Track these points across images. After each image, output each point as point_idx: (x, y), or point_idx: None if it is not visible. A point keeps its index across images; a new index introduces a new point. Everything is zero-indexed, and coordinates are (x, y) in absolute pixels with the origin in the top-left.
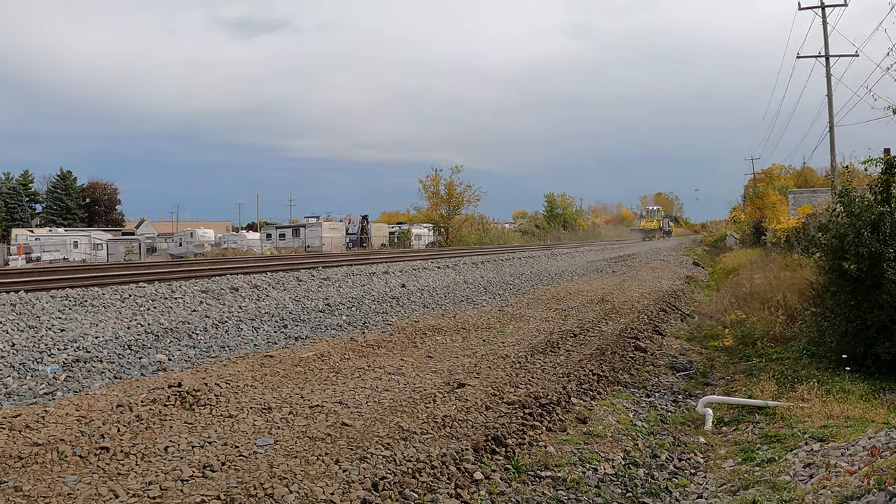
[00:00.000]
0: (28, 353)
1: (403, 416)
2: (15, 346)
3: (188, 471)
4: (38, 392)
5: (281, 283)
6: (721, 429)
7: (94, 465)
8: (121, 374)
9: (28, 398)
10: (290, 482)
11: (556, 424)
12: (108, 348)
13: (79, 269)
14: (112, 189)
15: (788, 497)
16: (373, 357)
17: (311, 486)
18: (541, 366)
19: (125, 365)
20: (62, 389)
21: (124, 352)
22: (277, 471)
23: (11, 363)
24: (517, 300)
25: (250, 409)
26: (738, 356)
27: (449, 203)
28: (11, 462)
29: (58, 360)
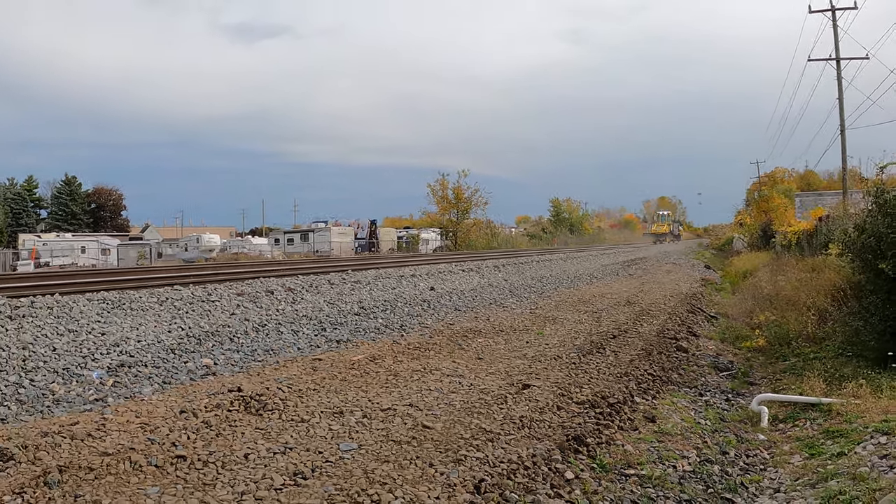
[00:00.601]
0: (71, 358)
1: (480, 418)
2: (56, 351)
3: (279, 479)
4: (88, 398)
5: (314, 287)
6: (777, 426)
7: (172, 475)
8: (169, 378)
9: (78, 405)
10: (392, 487)
11: (627, 423)
12: (151, 352)
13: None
14: (117, 195)
15: (876, 486)
16: (424, 359)
17: (413, 490)
18: (595, 366)
19: (171, 369)
20: (112, 395)
21: (168, 356)
22: (374, 476)
23: (55, 368)
24: (545, 302)
25: (321, 413)
26: (775, 356)
27: (457, 207)
28: (82, 474)
29: (102, 365)
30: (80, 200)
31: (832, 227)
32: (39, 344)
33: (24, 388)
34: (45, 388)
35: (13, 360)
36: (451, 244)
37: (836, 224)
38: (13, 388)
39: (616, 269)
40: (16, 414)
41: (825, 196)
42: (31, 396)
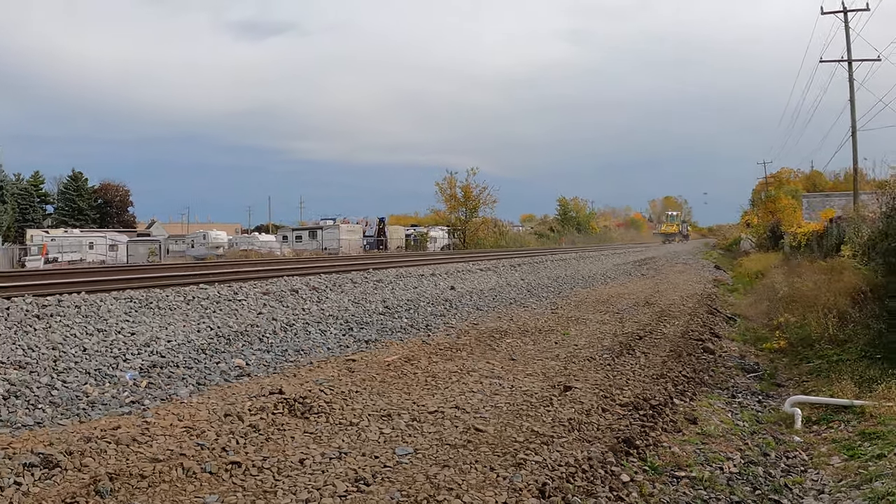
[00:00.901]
0: (102, 359)
1: (529, 420)
2: (87, 351)
3: (341, 485)
4: (124, 400)
5: (337, 286)
6: (811, 427)
7: (229, 482)
8: (203, 379)
9: (114, 407)
10: (459, 493)
11: (670, 425)
12: (182, 353)
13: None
14: (124, 191)
15: None
16: (458, 360)
17: (480, 496)
18: (629, 368)
19: (204, 370)
20: (148, 397)
21: (199, 356)
22: (437, 481)
23: (87, 369)
24: (564, 302)
25: (368, 416)
26: (798, 358)
27: (466, 205)
28: (134, 481)
29: (134, 366)
30: (87, 196)
31: (844, 228)
32: (69, 344)
33: (57, 389)
34: (78, 390)
35: (44, 360)
36: (459, 242)
37: (849, 225)
38: (45, 390)
39: (628, 269)
40: (51, 417)
41: (833, 197)
42: (64, 398)
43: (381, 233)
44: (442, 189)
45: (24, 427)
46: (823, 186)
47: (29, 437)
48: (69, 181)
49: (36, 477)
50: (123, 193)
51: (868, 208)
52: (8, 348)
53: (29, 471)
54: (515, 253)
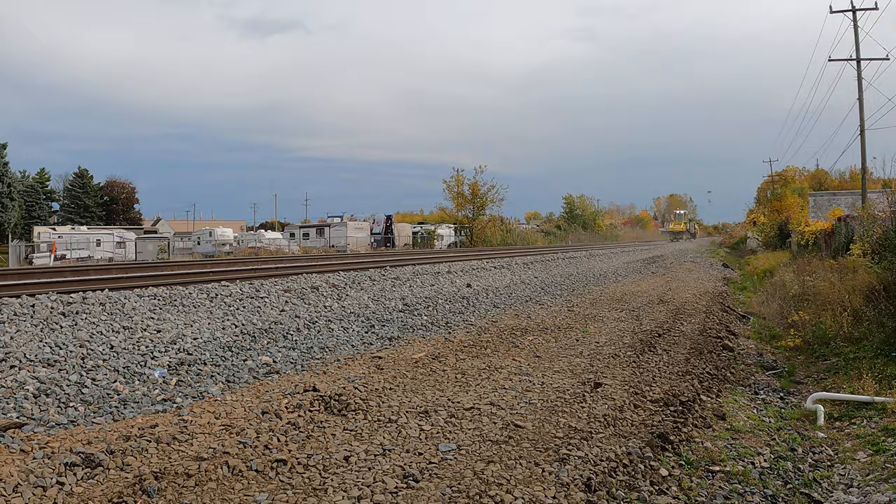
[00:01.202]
0: (130, 356)
1: (566, 416)
2: (114, 349)
3: (391, 482)
4: (156, 398)
5: (356, 283)
6: (834, 423)
7: (276, 480)
8: (232, 377)
9: (146, 405)
10: (508, 488)
11: (700, 421)
12: (209, 350)
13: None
14: (130, 187)
15: None
16: (485, 357)
17: (530, 490)
18: (654, 365)
19: (231, 367)
20: (179, 395)
21: (226, 353)
22: (485, 477)
23: (115, 367)
24: (579, 300)
25: (406, 413)
26: (814, 356)
27: (473, 203)
28: (181, 480)
29: (162, 364)
30: (93, 193)
31: (854, 227)
32: (96, 342)
33: (87, 387)
34: (108, 388)
35: (72, 358)
36: (466, 240)
37: (859, 224)
38: (76, 388)
39: (638, 267)
40: (84, 415)
41: (839, 196)
42: (95, 396)
43: (389, 230)
44: (449, 187)
45: (59, 426)
46: (829, 185)
47: (66, 436)
48: (75, 178)
49: (78, 476)
50: (129, 191)
51: (877, 207)
52: (35, 346)
53: (71, 470)
54: (525, 251)
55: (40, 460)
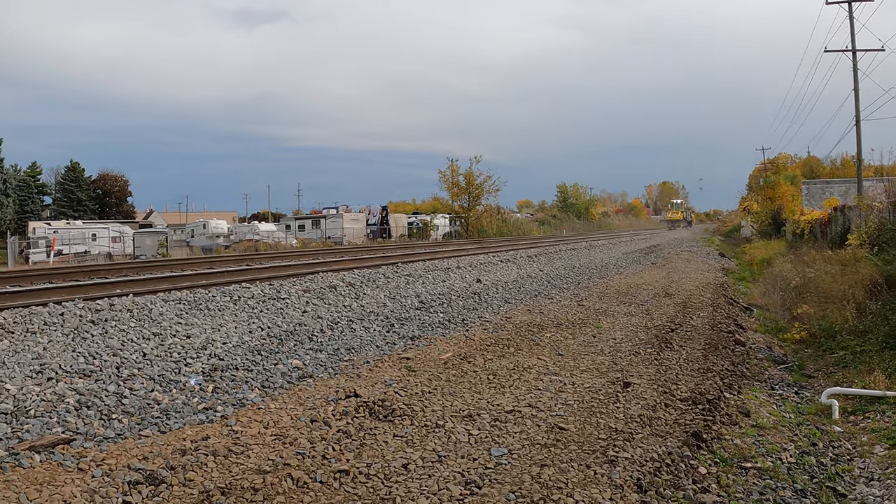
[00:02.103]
0: (163, 364)
1: (604, 417)
2: (147, 357)
3: (455, 489)
4: (196, 407)
5: (371, 281)
6: (849, 418)
7: (342, 491)
8: (266, 383)
9: (188, 414)
10: (568, 491)
11: (726, 418)
12: (239, 354)
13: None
14: (123, 181)
15: None
16: (511, 357)
17: (588, 493)
18: (675, 362)
19: (264, 372)
20: (219, 403)
21: (256, 357)
22: (544, 480)
23: (150, 375)
24: (587, 294)
25: (451, 417)
26: (821, 349)
27: (468, 193)
28: (248, 495)
29: (196, 370)
30: (86, 187)
31: (851, 217)
32: (128, 349)
33: (127, 398)
34: (147, 398)
35: (107, 368)
36: (462, 230)
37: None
38: (115, 399)
39: (637, 257)
40: (129, 427)
41: (833, 184)
42: (136, 407)
43: (385, 221)
44: (445, 177)
45: (107, 440)
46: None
47: (120, 452)
48: (67, 172)
49: (144, 495)
50: (122, 183)
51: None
52: (69, 356)
53: (135, 489)
54: (524, 242)
55: (100, 479)
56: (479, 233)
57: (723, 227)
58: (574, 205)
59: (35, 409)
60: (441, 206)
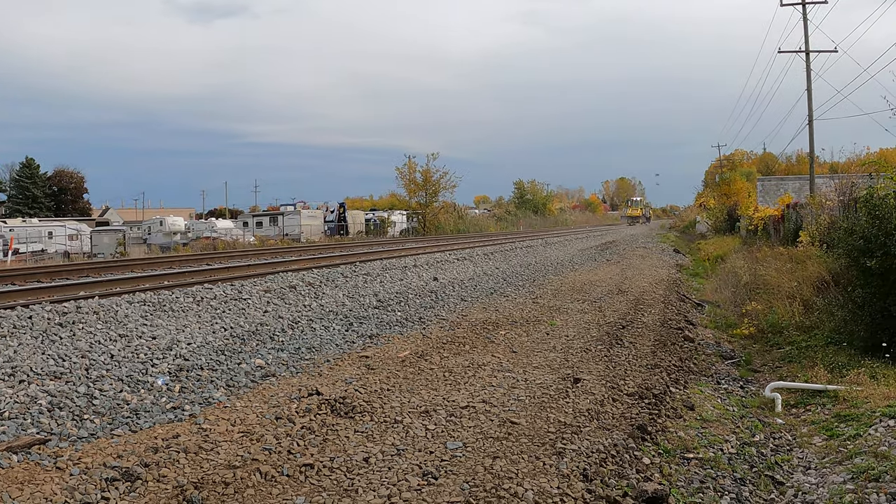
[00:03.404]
0: (131, 365)
1: (554, 412)
2: (115, 358)
3: (413, 480)
4: (165, 407)
5: (330, 280)
6: (791, 410)
7: (308, 484)
8: (231, 381)
9: (157, 414)
10: (518, 481)
11: (672, 412)
12: (203, 355)
13: (118, 266)
14: (79, 177)
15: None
16: (466, 354)
17: (538, 483)
18: (624, 358)
19: (228, 371)
20: (187, 403)
21: (220, 357)
22: (496, 471)
23: (119, 376)
24: (542, 291)
25: (408, 413)
26: (768, 344)
27: (426, 190)
28: (220, 489)
29: (163, 371)
30: (41, 184)
31: (803, 215)
32: (97, 351)
33: (97, 398)
34: (117, 398)
35: (77, 369)
36: (419, 227)
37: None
38: (86, 400)
39: (592, 254)
40: (101, 427)
41: (787, 181)
42: (107, 407)
43: (342, 218)
44: (402, 173)
45: (81, 440)
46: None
47: (95, 451)
48: (22, 168)
49: (121, 491)
50: (78, 180)
51: (825, 195)
52: (40, 359)
53: (113, 485)
54: (481, 239)
55: (78, 476)
56: (437, 229)
57: (679, 222)
58: (531, 201)
59: (9, 411)
60: (398, 202)
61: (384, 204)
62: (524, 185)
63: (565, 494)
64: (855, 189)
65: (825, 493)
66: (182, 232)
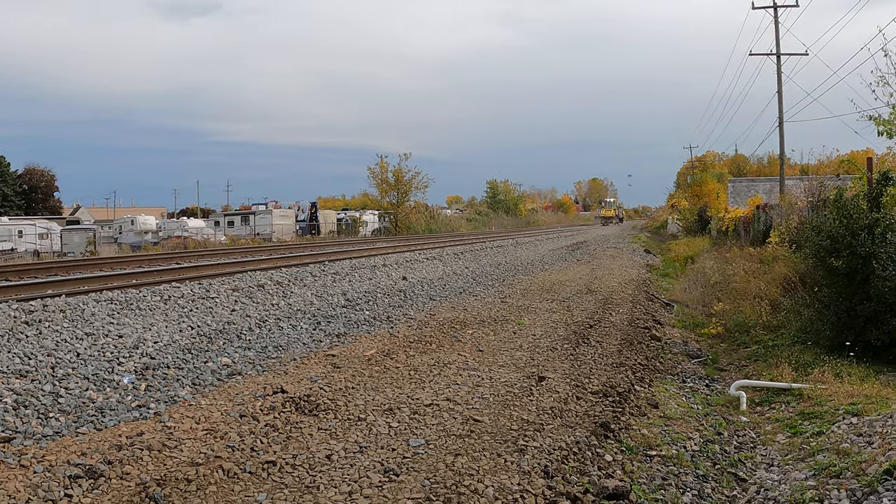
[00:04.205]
0: (97, 363)
1: (517, 409)
2: (81, 356)
3: (375, 476)
4: (130, 405)
5: (299, 279)
6: (755, 408)
7: (270, 481)
8: (197, 380)
9: (122, 412)
10: (479, 477)
11: (636, 410)
12: (170, 353)
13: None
14: (50, 175)
15: (860, 459)
16: (432, 353)
17: (498, 479)
18: (590, 357)
19: (194, 370)
20: (152, 401)
21: (187, 356)
22: (457, 468)
23: (85, 374)
24: (511, 291)
25: (372, 411)
26: (735, 343)
27: (397, 190)
28: (182, 486)
29: (129, 369)
30: (11, 182)
31: (772, 216)
32: (62, 350)
33: (63, 397)
34: (82, 396)
35: (42, 368)
36: (391, 226)
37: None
38: (51, 398)
39: (563, 254)
40: (66, 425)
41: (758, 182)
42: (72, 406)
43: (314, 217)
44: (374, 173)
45: (46, 438)
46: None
47: (59, 449)
48: None
49: (84, 488)
50: (49, 178)
51: (794, 195)
52: (5, 357)
53: (76, 482)
54: (452, 239)
55: (42, 474)
56: (408, 229)
57: (651, 223)
58: (503, 201)
59: None
60: (370, 202)
61: (356, 204)
62: (497, 184)
63: (525, 491)
64: (824, 190)
65: (787, 490)
66: (153, 231)
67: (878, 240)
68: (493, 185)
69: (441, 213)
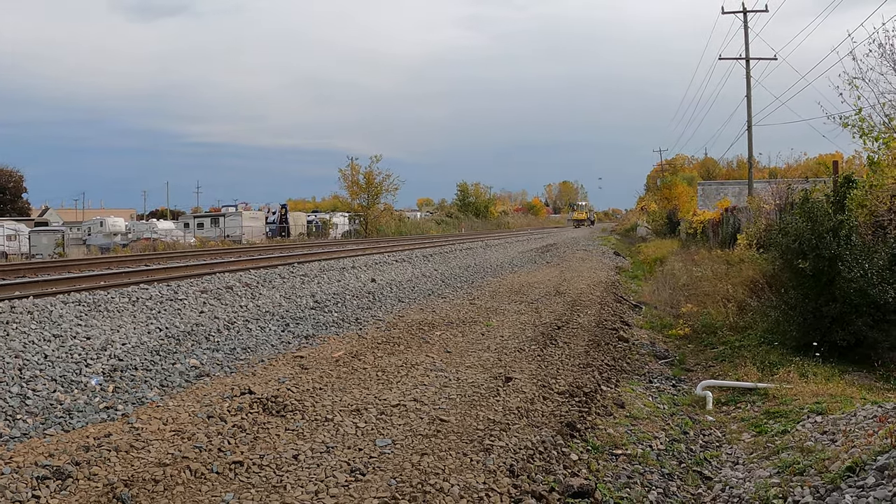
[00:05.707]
0: (65, 365)
1: (484, 410)
2: (49, 358)
3: (341, 476)
4: (98, 406)
5: (267, 281)
6: (721, 408)
7: (237, 481)
8: (165, 381)
9: (90, 413)
10: (445, 476)
11: (602, 410)
12: (138, 355)
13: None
14: (18, 176)
15: (824, 456)
16: (400, 354)
17: (463, 478)
18: (558, 358)
19: (163, 371)
20: (120, 402)
21: (155, 357)
22: (423, 467)
23: (52, 376)
24: (479, 293)
25: (339, 411)
26: (703, 344)
27: (368, 192)
28: (150, 486)
29: (97, 371)
30: None
31: (740, 219)
32: (30, 351)
33: (30, 398)
34: (50, 398)
35: (10, 369)
36: (361, 229)
37: (745, 216)
38: (19, 400)
39: (532, 256)
40: (34, 427)
41: (727, 185)
42: (40, 407)
43: (284, 219)
44: (345, 175)
45: (13, 439)
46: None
47: (27, 450)
48: None
49: (52, 489)
50: (17, 179)
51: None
52: None
53: (43, 483)
54: (422, 241)
55: (9, 475)
56: (378, 231)
57: (620, 226)
58: (474, 203)
59: None
60: (341, 204)
61: (327, 206)
62: (468, 187)
63: (491, 489)
64: (791, 193)
65: (751, 488)
66: (122, 233)
67: (843, 242)
68: (464, 187)
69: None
